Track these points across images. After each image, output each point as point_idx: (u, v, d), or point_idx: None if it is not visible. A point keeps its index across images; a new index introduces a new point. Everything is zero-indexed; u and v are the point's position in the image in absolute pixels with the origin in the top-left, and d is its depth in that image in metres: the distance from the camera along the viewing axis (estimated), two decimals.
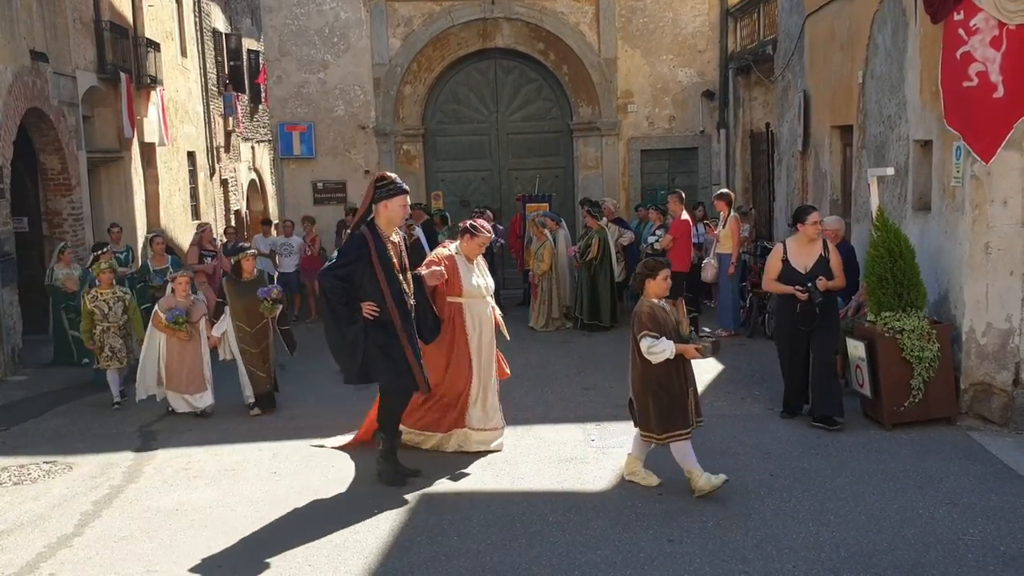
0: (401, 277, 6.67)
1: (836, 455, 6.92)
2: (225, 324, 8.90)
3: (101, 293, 9.37)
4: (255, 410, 8.89)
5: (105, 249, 10.40)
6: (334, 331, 6.58)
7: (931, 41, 7.91)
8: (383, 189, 6.62)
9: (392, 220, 6.68)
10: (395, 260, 6.65)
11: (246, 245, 10.19)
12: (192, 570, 5.40)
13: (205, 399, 8.91)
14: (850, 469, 6.61)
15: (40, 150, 13.39)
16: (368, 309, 6.46)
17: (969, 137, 7.36)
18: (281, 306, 9.02)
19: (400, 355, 6.56)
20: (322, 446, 7.64)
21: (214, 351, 9.06)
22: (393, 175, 6.81)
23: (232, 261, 9.35)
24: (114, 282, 9.53)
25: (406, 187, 6.72)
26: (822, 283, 7.48)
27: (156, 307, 9.07)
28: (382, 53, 16.24)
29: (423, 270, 7.06)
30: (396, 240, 6.75)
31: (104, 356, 9.37)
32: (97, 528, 6.09)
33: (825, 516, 5.77)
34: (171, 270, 10.72)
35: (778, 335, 8.05)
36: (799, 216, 7.73)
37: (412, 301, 6.72)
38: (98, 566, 5.49)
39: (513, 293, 15.30)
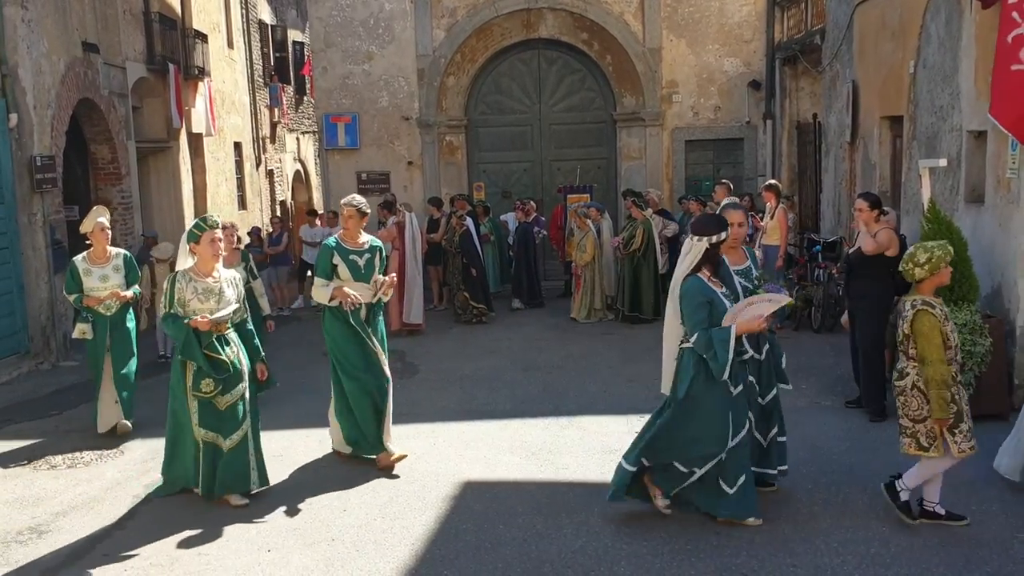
0: None
1: (884, 450, 6.83)
2: None
3: None
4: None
5: None
6: None
7: (987, 29, 7.74)
8: None
9: None
10: None
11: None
12: (241, 552, 5.48)
13: None
14: (899, 464, 6.50)
15: (91, 140, 13.64)
16: None
17: (1009, 123, 7.19)
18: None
19: None
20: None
21: None
22: None
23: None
24: None
25: None
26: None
27: None
28: (426, 44, 16.30)
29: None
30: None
31: None
32: (148, 512, 6.20)
33: (875, 511, 5.71)
34: None
35: None
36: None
37: None
38: (150, 548, 5.59)
39: (555, 284, 15.28)
